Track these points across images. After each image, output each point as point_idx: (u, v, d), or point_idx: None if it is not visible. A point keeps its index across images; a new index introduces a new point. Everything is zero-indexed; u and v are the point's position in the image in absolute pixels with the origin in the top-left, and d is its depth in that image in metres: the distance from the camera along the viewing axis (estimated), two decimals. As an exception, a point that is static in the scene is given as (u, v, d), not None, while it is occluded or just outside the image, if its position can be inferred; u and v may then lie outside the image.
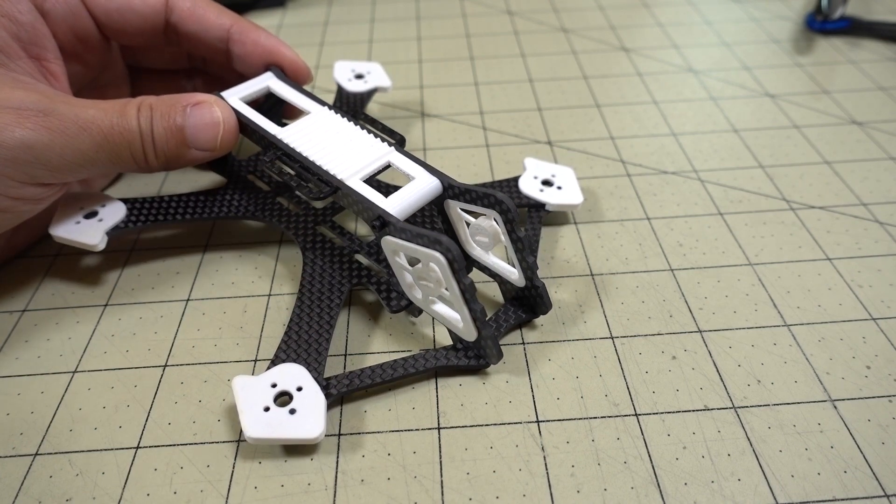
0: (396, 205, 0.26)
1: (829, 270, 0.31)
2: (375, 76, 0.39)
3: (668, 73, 0.45)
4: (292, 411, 0.23)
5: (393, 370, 0.25)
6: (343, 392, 0.25)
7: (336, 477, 0.23)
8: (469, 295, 0.24)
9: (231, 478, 0.23)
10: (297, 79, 0.34)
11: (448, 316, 0.26)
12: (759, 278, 0.30)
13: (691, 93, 0.43)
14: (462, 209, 0.28)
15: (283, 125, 0.30)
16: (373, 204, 0.26)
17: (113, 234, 0.29)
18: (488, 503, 0.22)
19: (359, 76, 0.39)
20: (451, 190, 0.27)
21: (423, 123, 0.41)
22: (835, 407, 0.25)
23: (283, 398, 0.24)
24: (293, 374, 0.24)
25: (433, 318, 0.28)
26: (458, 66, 0.46)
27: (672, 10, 0.53)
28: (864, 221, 0.33)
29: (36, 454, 0.24)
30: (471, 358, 0.26)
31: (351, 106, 0.37)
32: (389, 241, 0.25)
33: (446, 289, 0.24)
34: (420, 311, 0.27)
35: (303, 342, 0.26)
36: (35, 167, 0.24)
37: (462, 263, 0.23)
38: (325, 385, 0.24)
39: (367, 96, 0.38)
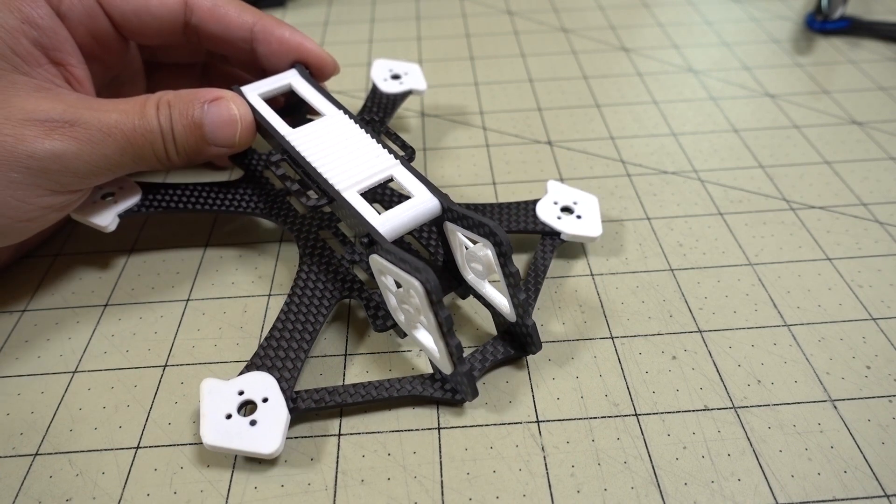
0: (387, 223, 0.25)
1: (829, 270, 0.31)
2: (412, 78, 0.38)
3: (668, 73, 0.45)
4: (253, 423, 0.23)
5: (366, 391, 0.25)
6: (311, 409, 0.24)
7: (336, 477, 0.23)
8: (446, 328, 0.23)
9: (231, 478, 0.23)
10: (323, 72, 0.33)
11: (427, 345, 0.25)
12: (759, 278, 0.30)
13: (691, 93, 0.43)
14: (461, 233, 0.26)
15: (308, 121, 0.30)
16: (364, 220, 0.25)
17: (125, 216, 0.29)
18: (488, 503, 0.22)
19: (395, 76, 0.38)
20: (449, 213, 0.26)
21: (423, 123, 0.41)
22: (835, 407, 0.25)
23: (249, 406, 0.24)
24: (261, 384, 0.24)
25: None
26: (458, 66, 0.46)
27: (672, 10, 0.53)
28: (864, 221, 0.33)
29: (36, 454, 0.24)
30: (447, 391, 0.25)
31: (382, 107, 0.36)
32: (376, 261, 0.24)
33: (425, 317, 0.23)
34: (405, 334, 0.26)
35: (281, 350, 0.25)
36: (64, 175, 0.25)
37: (440, 295, 0.22)
38: (294, 398, 0.24)
39: (399, 98, 0.37)
